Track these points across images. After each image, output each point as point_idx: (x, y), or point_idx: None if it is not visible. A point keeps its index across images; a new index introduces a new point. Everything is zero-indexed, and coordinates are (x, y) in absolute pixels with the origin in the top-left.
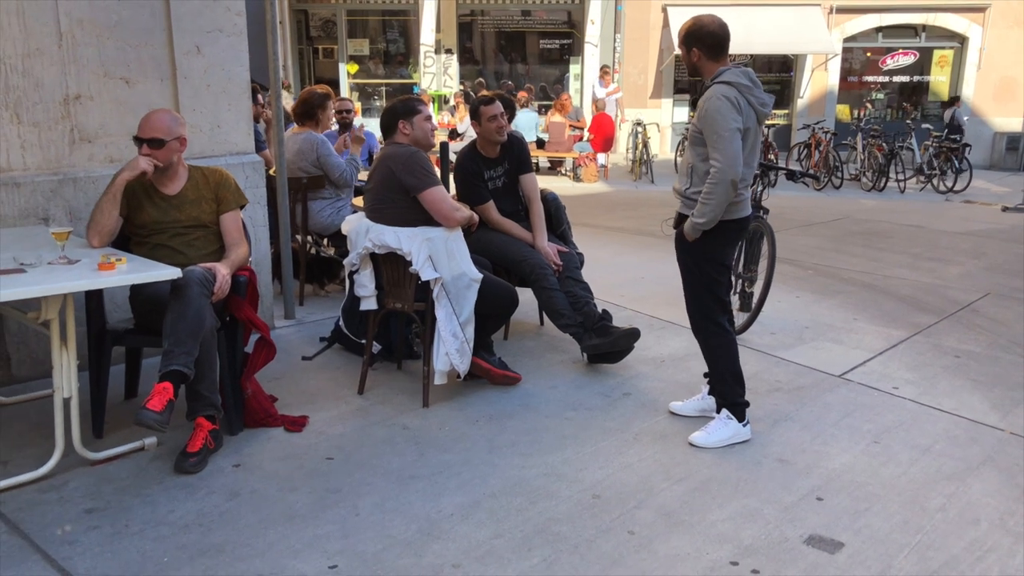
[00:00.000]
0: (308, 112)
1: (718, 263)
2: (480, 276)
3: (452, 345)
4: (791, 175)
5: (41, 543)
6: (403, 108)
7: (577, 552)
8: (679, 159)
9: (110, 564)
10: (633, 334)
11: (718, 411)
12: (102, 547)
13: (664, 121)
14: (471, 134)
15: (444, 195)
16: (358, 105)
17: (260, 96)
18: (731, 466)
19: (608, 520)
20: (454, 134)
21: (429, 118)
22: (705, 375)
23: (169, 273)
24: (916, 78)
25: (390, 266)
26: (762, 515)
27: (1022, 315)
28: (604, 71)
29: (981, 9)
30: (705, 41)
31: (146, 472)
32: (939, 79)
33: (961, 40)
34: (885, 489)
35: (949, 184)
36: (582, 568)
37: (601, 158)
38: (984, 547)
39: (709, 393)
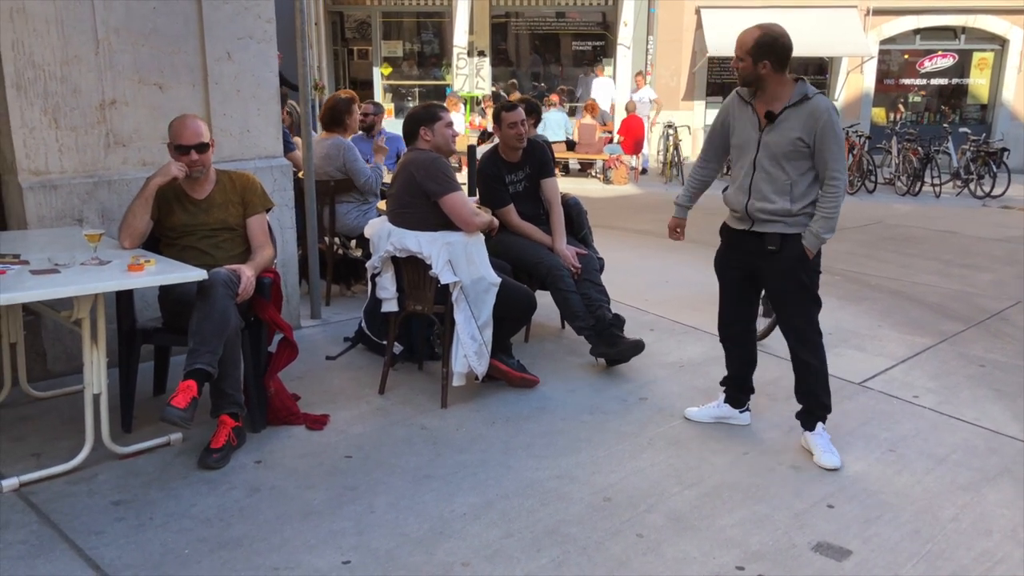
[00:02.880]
0: (335, 119)
1: (819, 272)
2: (499, 280)
3: (470, 347)
4: None
5: (70, 533)
6: (425, 115)
7: (585, 553)
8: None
9: (134, 555)
10: (637, 346)
11: (811, 427)
12: (127, 538)
13: (696, 123)
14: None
15: (464, 200)
16: (391, 107)
17: (291, 101)
18: (743, 472)
19: (618, 523)
20: (485, 135)
21: (450, 124)
22: (722, 383)
23: (195, 275)
24: (955, 81)
25: (410, 269)
26: (772, 521)
27: None
28: (638, 75)
29: (1022, 11)
30: (778, 53)
31: (171, 467)
32: (979, 82)
33: (1001, 42)
34: (898, 498)
35: (987, 189)
36: (589, 569)
37: (633, 160)
38: (995, 558)
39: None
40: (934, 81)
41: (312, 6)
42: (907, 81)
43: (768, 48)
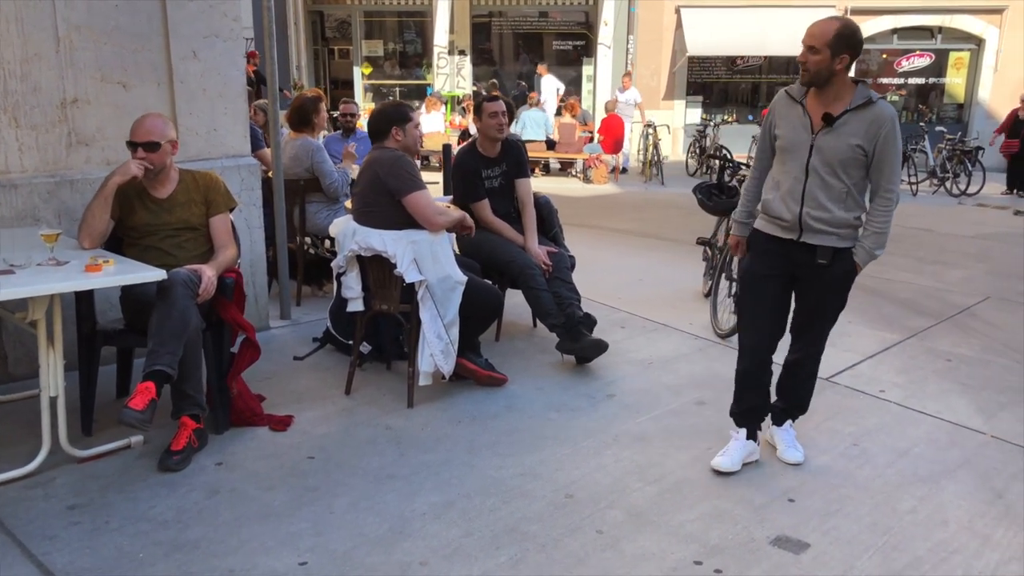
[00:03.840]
0: (303, 119)
1: None
2: (465, 279)
3: (437, 346)
4: None
5: (23, 538)
6: (398, 115)
7: (544, 551)
8: (690, 160)
9: (87, 560)
10: (599, 345)
11: (780, 423)
12: (81, 543)
13: (676, 123)
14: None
15: (428, 199)
16: (371, 106)
17: (260, 96)
18: (706, 468)
19: (578, 519)
20: (466, 135)
21: (418, 125)
22: (746, 419)
23: (154, 275)
24: (932, 80)
25: (376, 268)
26: (731, 516)
27: (1019, 319)
28: (625, 76)
29: (998, 11)
30: (856, 49)
31: (131, 469)
32: (955, 81)
33: (978, 42)
34: (858, 491)
35: (962, 187)
36: (547, 566)
37: (612, 159)
38: (950, 548)
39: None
40: (912, 80)
41: (292, 5)
42: (885, 80)
43: (848, 41)
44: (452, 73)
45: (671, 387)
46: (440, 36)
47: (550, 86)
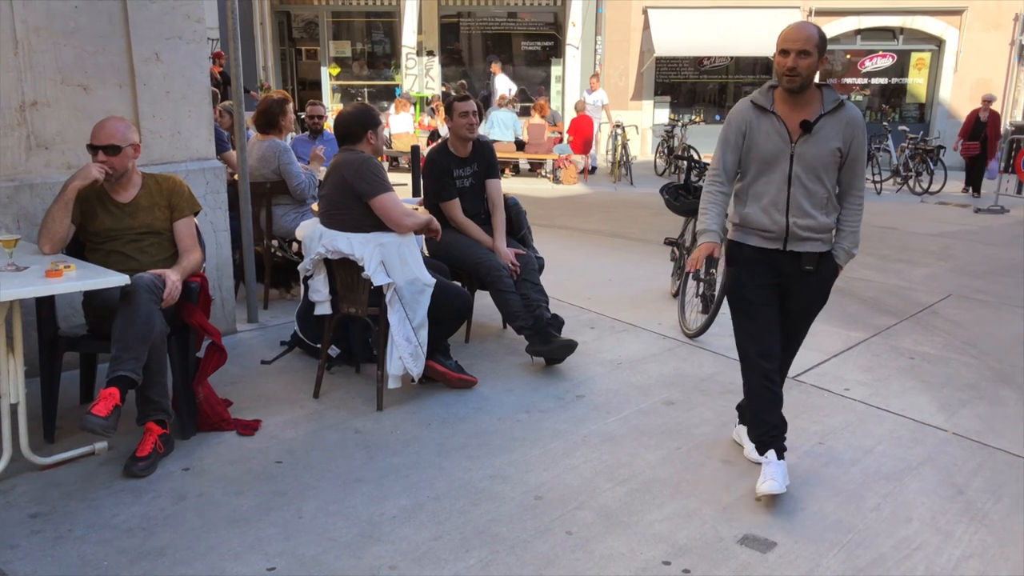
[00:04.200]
0: (270, 121)
1: None
2: (433, 281)
3: (405, 349)
4: None
5: None
6: (372, 119)
7: (514, 552)
8: (659, 161)
9: (49, 568)
10: (569, 346)
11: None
12: (43, 552)
13: (644, 123)
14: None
15: (396, 201)
16: (339, 107)
17: (224, 97)
18: (675, 468)
19: (548, 521)
20: (435, 136)
21: (383, 127)
22: (770, 440)
23: (117, 280)
24: (894, 80)
25: (343, 271)
26: (700, 515)
27: (980, 316)
28: (593, 77)
29: (957, 12)
30: (825, 50)
31: (95, 477)
32: (917, 81)
33: (938, 43)
34: (823, 489)
35: (924, 185)
36: (517, 568)
37: (581, 160)
38: (912, 545)
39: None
40: (875, 80)
41: (258, 6)
42: (849, 80)
43: (825, 43)
44: (421, 74)
45: (640, 387)
46: (408, 37)
47: (503, 86)
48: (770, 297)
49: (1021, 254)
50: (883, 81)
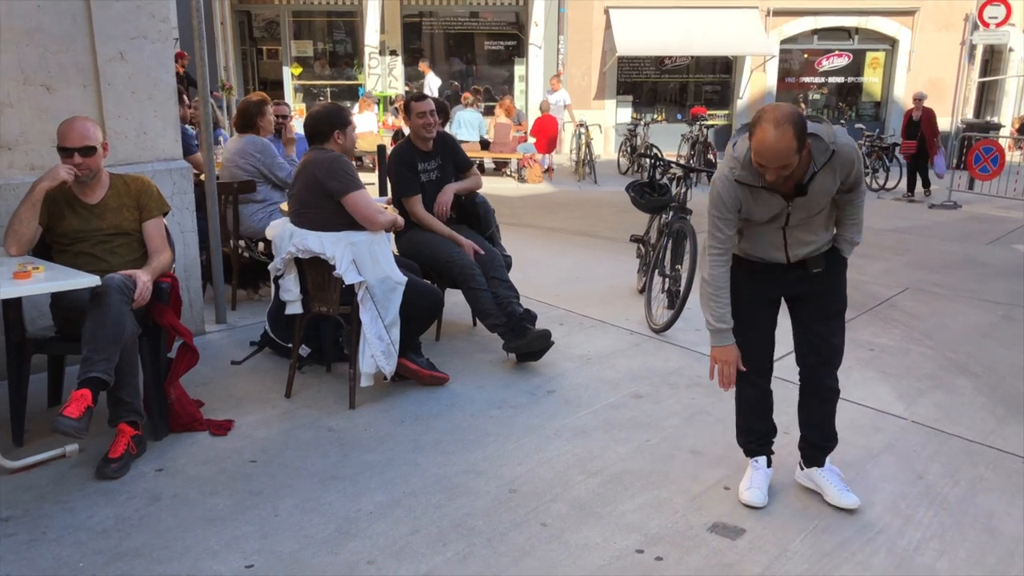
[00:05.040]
0: (248, 122)
1: None
2: (404, 279)
3: (378, 347)
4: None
5: None
6: (340, 119)
7: (490, 545)
8: (622, 159)
9: (24, 571)
10: (545, 336)
11: (821, 463)
12: (17, 554)
13: (607, 122)
14: None
15: (368, 199)
16: (302, 107)
17: (187, 97)
18: (645, 459)
19: (523, 513)
20: (399, 135)
21: (355, 127)
22: (761, 446)
23: (87, 281)
24: (850, 79)
25: (314, 270)
26: (671, 505)
27: (936, 309)
28: (554, 78)
29: (910, 13)
30: (803, 126)
31: (67, 479)
32: (872, 80)
33: (892, 43)
34: (789, 477)
35: (881, 182)
36: (493, 560)
37: (546, 160)
38: (875, 529)
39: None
40: (832, 79)
41: (218, 5)
42: (807, 79)
43: (802, 129)
44: (384, 73)
45: (609, 382)
46: (371, 36)
47: (433, 85)
48: (766, 315)
49: (974, 248)
50: (840, 80)
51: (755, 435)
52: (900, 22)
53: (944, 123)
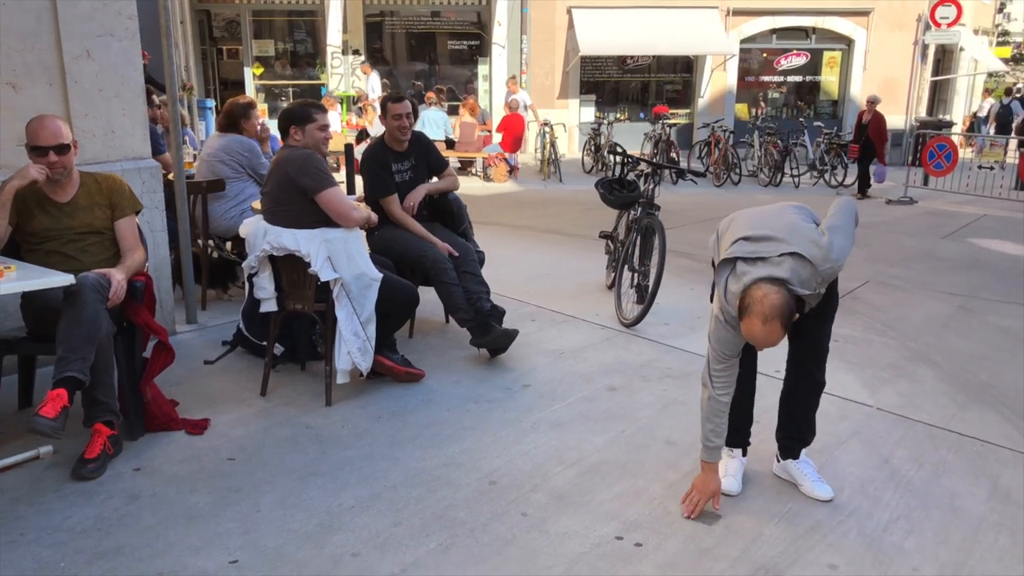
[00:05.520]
0: (231, 123)
1: None
2: (380, 276)
3: (354, 344)
4: (680, 173)
5: None
6: (299, 114)
7: (472, 535)
8: (586, 158)
9: (4, 572)
10: (510, 335)
11: (796, 455)
12: None
13: (571, 121)
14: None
15: (341, 195)
16: (264, 107)
17: (155, 97)
18: (621, 449)
19: (503, 504)
20: (363, 135)
21: (324, 127)
22: (738, 441)
23: (61, 280)
24: (808, 78)
25: (289, 268)
26: (647, 493)
27: (896, 300)
28: (510, 80)
29: (865, 13)
30: (793, 306)
31: (42, 481)
32: (829, 79)
33: (848, 42)
34: (762, 464)
35: (839, 179)
36: (476, 549)
37: (512, 158)
38: (845, 511)
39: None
40: (790, 78)
41: (176, 4)
42: (766, 78)
43: (791, 316)
44: (347, 73)
45: (583, 375)
46: (333, 35)
47: (375, 85)
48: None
49: (930, 243)
50: (798, 79)
51: (731, 428)
52: (855, 22)
53: (899, 121)
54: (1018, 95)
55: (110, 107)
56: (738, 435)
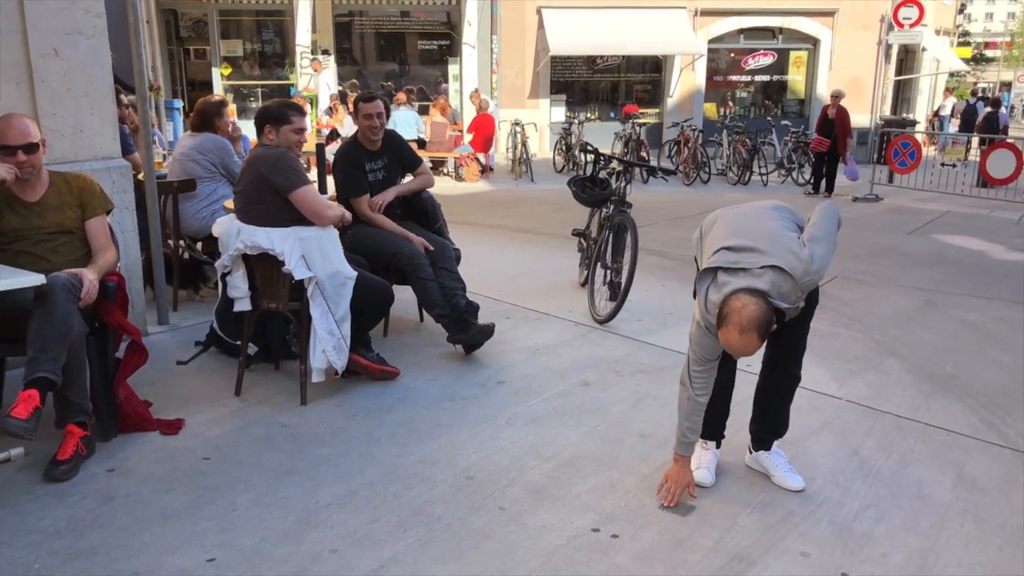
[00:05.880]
0: (205, 122)
1: None
2: (355, 274)
3: (329, 343)
4: (651, 171)
5: None
6: (276, 114)
7: (450, 530)
8: (557, 158)
9: None
10: (487, 330)
11: (768, 447)
12: None
13: (542, 120)
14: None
15: (315, 194)
16: (232, 107)
17: (123, 97)
18: (596, 443)
19: (480, 499)
20: (334, 134)
21: (300, 131)
22: (714, 433)
23: (32, 279)
24: (775, 77)
25: (263, 267)
26: (623, 485)
27: (863, 295)
28: (472, 95)
29: (830, 13)
30: (771, 319)
31: (14, 483)
32: (796, 78)
33: (813, 42)
34: (734, 456)
35: (807, 177)
36: (454, 543)
37: (483, 158)
38: (817, 501)
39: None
40: (758, 78)
41: (142, 4)
42: (734, 78)
43: (768, 327)
44: (316, 73)
45: (557, 371)
46: (302, 35)
47: (328, 82)
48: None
49: (896, 239)
50: (766, 78)
51: (710, 420)
52: (821, 22)
53: (864, 119)
54: (982, 95)
55: (79, 106)
56: (713, 427)
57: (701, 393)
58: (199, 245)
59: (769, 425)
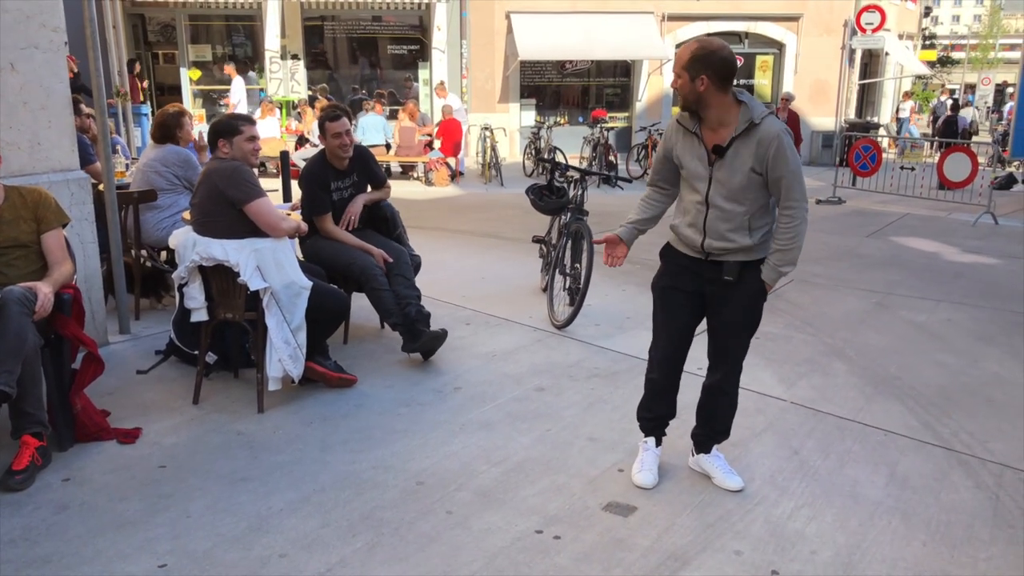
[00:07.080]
0: (166, 134)
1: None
2: (310, 284)
3: (284, 352)
4: (606, 179)
5: None
6: (225, 127)
7: (398, 534)
8: (527, 162)
9: None
10: (439, 336)
11: (708, 450)
12: None
13: (512, 125)
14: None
15: (270, 206)
16: (201, 112)
17: (83, 106)
18: (546, 447)
19: (429, 503)
20: (303, 140)
21: (253, 139)
22: (652, 427)
23: None
24: (743, 81)
25: (219, 278)
26: (568, 488)
27: (817, 298)
28: (438, 87)
29: (795, 18)
30: (717, 68)
31: None
32: (762, 82)
33: (779, 47)
34: (678, 458)
35: None
36: (401, 547)
37: (452, 162)
38: (754, 501)
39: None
40: None
41: (109, 8)
42: None
43: (705, 61)
44: (286, 77)
45: (513, 376)
46: (272, 40)
47: (239, 88)
48: (688, 302)
49: (854, 241)
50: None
51: (654, 413)
52: (786, 27)
53: (829, 123)
54: (953, 98)
55: (35, 119)
56: (656, 423)
57: (650, 192)
58: (163, 255)
59: (709, 432)
